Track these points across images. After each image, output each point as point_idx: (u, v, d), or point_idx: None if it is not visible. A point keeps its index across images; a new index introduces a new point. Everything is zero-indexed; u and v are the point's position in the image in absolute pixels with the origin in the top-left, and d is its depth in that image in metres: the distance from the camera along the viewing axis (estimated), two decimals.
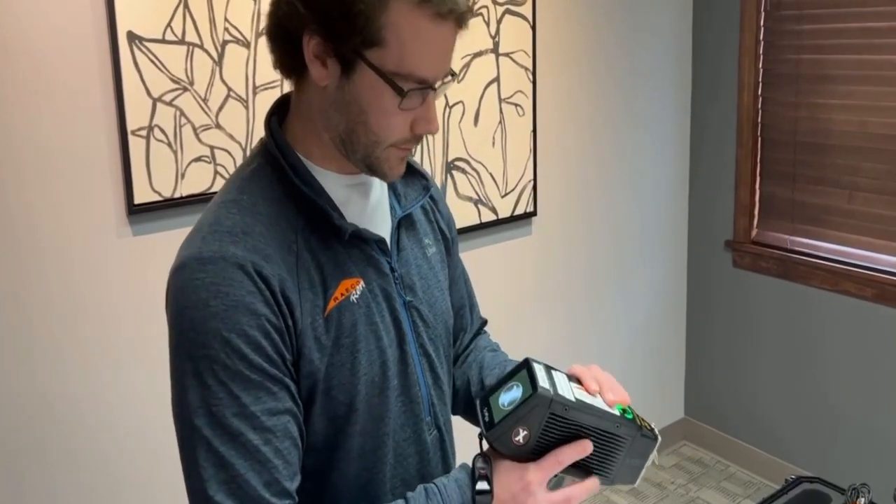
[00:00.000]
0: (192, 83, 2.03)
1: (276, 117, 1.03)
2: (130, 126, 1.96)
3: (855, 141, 2.83)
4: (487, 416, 0.95)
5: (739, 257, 3.24)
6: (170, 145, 2.02)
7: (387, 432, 1.04)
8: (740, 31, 3.09)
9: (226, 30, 2.07)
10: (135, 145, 1.97)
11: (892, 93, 2.71)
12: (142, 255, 2.04)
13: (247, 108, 2.13)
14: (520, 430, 0.93)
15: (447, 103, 2.53)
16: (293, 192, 0.98)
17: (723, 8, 3.15)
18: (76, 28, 1.88)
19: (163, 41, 1.97)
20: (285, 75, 1.00)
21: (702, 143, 3.33)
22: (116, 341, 2.04)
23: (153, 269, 2.05)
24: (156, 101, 1.98)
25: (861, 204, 2.86)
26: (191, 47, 2.02)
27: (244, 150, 2.14)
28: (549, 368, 0.98)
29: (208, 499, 0.89)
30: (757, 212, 3.19)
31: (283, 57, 0.97)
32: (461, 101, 2.56)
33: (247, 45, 2.11)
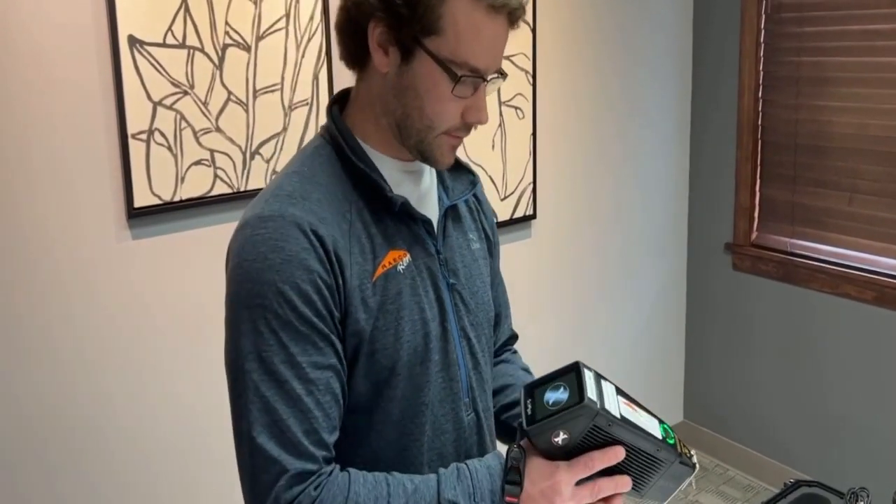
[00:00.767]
0: (192, 87, 2.03)
1: (336, 106, 1.11)
2: (131, 129, 1.96)
3: (855, 143, 2.83)
4: (530, 408, 0.96)
5: (739, 260, 3.24)
6: (170, 149, 2.02)
7: (425, 402, 1.08)
8: (741, 34, 3.09)
9: (226, 33, 2.07)
10: (135, 149, 1.97)
11: (893, 95, 2.71)
12: (141, 259, 2.04)
13: (247, 111, 2.14)
14: (560, 432, 0.95)
15: None
16: (350, 169, 1.06)
17: (723, 11, 3.15)
18: (77, 32, 1.88)
19: (163, 45, 1.97)
20: (350, 66, 1.09)
21: (702, 146, 3.33)
22: (116, 344, 2.04)
23: (153, 272, 2.06)
24: (156, 105, 1.99)
25: (861, 206, 2.86)
26: (191, 51, 2.02)
27: (244, 154, 2.15)
28: (599, 377, 0.98)
29: (252, 439, 0.95)
30: (757, 214, 3.19)
31: (350, 48, 1.06)
32: None
33: (247, 48, 2.11)
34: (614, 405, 0.95)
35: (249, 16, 2.10)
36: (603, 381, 0.98)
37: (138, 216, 2.01)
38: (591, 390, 0.93)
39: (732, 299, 3.30)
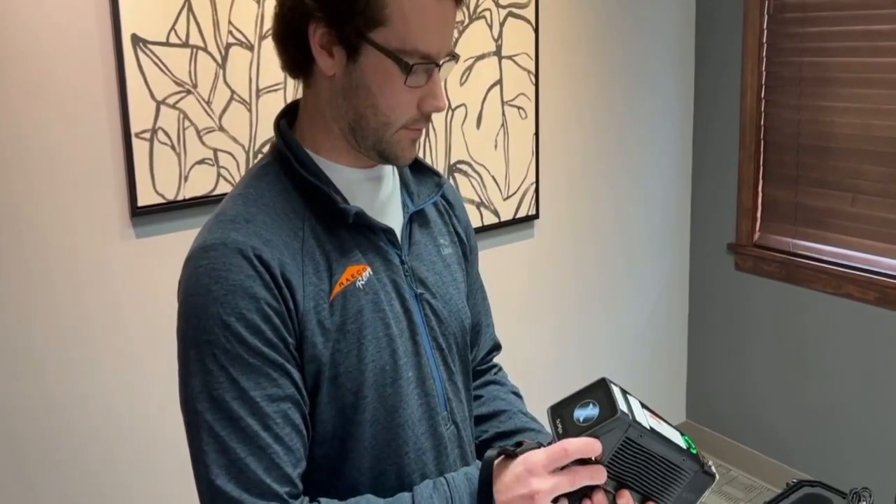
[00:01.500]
0: (195, 86, 2.04)
1: (284, 120, 1.06)
2: (134, 129, 1.96)
3: (858, 144, 2.83)
4: (561, 427, 0.95)
5: (742, 260, 3.24)
6: (173, 148, 2.03)
7: (401, 424, 1.03)
8: (743, 34, 3.09)
9: (229, 32, 2.07)
10: (138, 148, 1.98)
11: None
12: (145, 258, 2.05)
13: (250, 110, 2.14)
14: None
15: (450, 105, 2.53)
16: (300, 183, 1.01)
17: (726, 11, 3.15)
18: (81, 31, 1.88)
19: (167, 44, 1.98)
20: (293, 76, 1.03)
21: (705, 146, 3.33)
22: (120, 343, 2.04)
23: (156, 271, 2.06)
24: (159, 104, 1.99)
25: (864, 207, 2.85)
26: (194, 50, 2.02)
27: (247, 153, 2.15)
28: (624, 392, 0.98)
29: (210, 482, 0.91)
30: (759, 215, 3.19)
31: (291, 56, 1.01)
32: (464, 104, 2.56)
33: (250, 47, 2.11)
34: (643, 417, 0.96)
35: (252, 15, 2.10)
36: (629, 396, 0.99)
37: (142, 215, 2.01)
38: (621, 403, 0.94)
39: (735, 299, 3.30)
